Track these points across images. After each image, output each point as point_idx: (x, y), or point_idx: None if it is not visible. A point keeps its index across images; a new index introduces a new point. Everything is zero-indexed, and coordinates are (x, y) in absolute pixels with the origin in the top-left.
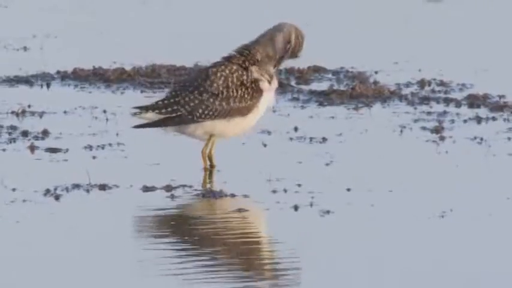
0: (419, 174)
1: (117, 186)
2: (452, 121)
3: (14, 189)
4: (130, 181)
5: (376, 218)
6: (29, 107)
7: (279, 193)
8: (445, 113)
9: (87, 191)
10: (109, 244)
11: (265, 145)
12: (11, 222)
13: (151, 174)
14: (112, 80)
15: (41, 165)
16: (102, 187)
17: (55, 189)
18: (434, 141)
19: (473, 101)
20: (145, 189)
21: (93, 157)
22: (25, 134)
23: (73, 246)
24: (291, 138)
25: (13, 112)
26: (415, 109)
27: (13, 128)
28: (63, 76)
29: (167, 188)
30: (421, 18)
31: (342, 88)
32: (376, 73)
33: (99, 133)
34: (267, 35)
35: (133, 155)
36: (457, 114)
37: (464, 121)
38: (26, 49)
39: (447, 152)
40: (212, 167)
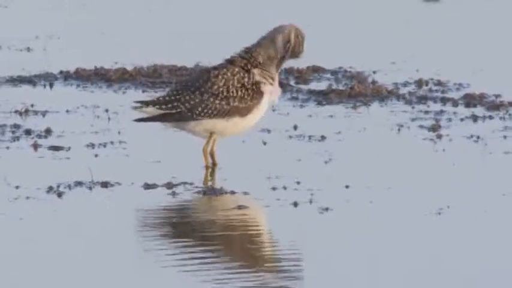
0: (416, 172)
1: (119, 184)
2: (449, 120)
3: (17, 187)
4: (132, 178)
5: (374, 215)
6: (32, 106)
7: (278, 190)
8: (442, 112)
9: (90, 189)
10: (111, 240)
11: (265, 143)
12: (15, 218)
13: (152, 171)
14: (114, 80)
15: (44, 163)
16: (104, 184)
17: (58, 186)
18: (432, 139)
19: (470, 100)
20: (147, 186)
21: (95, 155)
22: (28, 132)
23: (76, 242)
24: (291, 137)
25: (17, 111)
26: (413, 108)
27: (17, 127)
28: (66, 76)
29: (168, 186)
30: (419, 18)
31: (341, 87)
32: (374, 73)
33: (101, 132)
34: (268, 37)
35: (134, 153)
36: (454, 113)
37: (461, 120)
38: (29, 50)
39: (444, 150)
40: (214, 165)
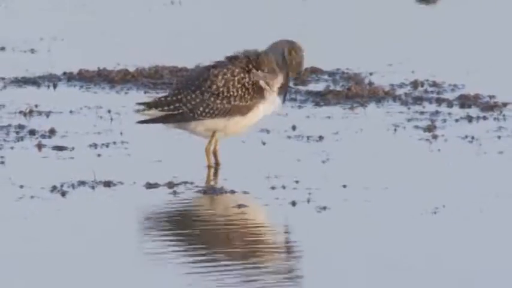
0: (412, 172)
1: (121, 183)
2: (444, 120)
3: (21, 186)
4: (134, 178)
5: (371, 214)
6: (36, 106)
7: (277, 189)
8: (437, 112)
9: (93, 188)
10: (113, 239)
11: (264, 143)
12: (19, 218)
13: (154, 171)
14: (116, 81)
15: (47, 162)
16: (107, 184)
17: (61, 186)
18: (427, 139)
19: (465, 101)
20: (149, 186)
21: (98, 155)
22: (32, 132)
23: (79, 241)
24: (289, 137)
25: (21, 112)
26: (409, 109)
27: (21, 127)
28: (69, 77)
29: (169, 185)
30: (414, 21)
31: (338, 89)
32: (371, 74)
33: (104, 132)
34: (274, 47)
35: (136, 153)
36: (449, 113)
37: (456, 120)
38: (33, 51)
39: (439, 150)
40: (217, 164)
